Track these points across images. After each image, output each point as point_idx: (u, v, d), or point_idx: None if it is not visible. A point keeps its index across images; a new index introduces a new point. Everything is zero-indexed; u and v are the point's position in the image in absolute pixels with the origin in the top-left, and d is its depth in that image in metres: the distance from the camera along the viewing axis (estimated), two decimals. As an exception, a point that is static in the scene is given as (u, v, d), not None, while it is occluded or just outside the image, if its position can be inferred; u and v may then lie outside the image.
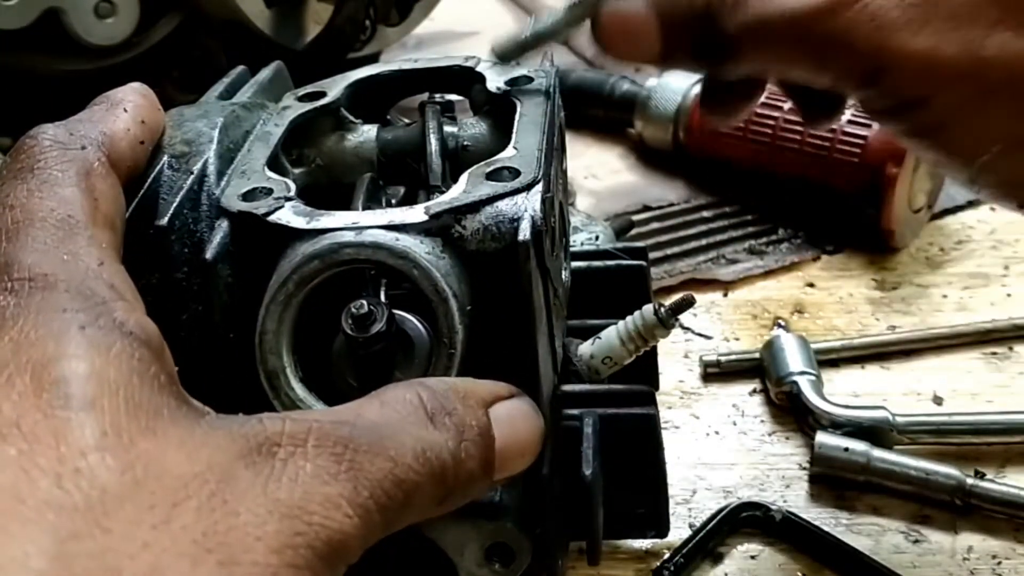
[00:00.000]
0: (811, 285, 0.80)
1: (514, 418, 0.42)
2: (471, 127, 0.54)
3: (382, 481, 0.35)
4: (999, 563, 0.56)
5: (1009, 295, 0.79)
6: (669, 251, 0.83)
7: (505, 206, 0.44)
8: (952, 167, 0.46)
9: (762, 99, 0.59)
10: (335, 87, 0.56)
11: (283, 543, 0.31)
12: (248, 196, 0.46)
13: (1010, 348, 0.72)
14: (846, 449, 0.60)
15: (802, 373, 0.66)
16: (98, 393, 0.32)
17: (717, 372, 0.71)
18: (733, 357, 0.71)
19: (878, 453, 0.60)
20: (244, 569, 0.30)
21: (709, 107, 0.55)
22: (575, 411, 0.49)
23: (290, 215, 0.44)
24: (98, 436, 0.31)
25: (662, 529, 0.52)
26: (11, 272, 0.36)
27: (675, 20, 0.47)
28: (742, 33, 0.46)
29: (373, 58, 1.05)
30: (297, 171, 0.53)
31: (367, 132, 0.55)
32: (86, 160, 0.42)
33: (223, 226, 0.45)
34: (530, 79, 0.54)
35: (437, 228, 0.43)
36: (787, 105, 0.86)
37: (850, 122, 0.83)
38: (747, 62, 0.47)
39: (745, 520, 0.58)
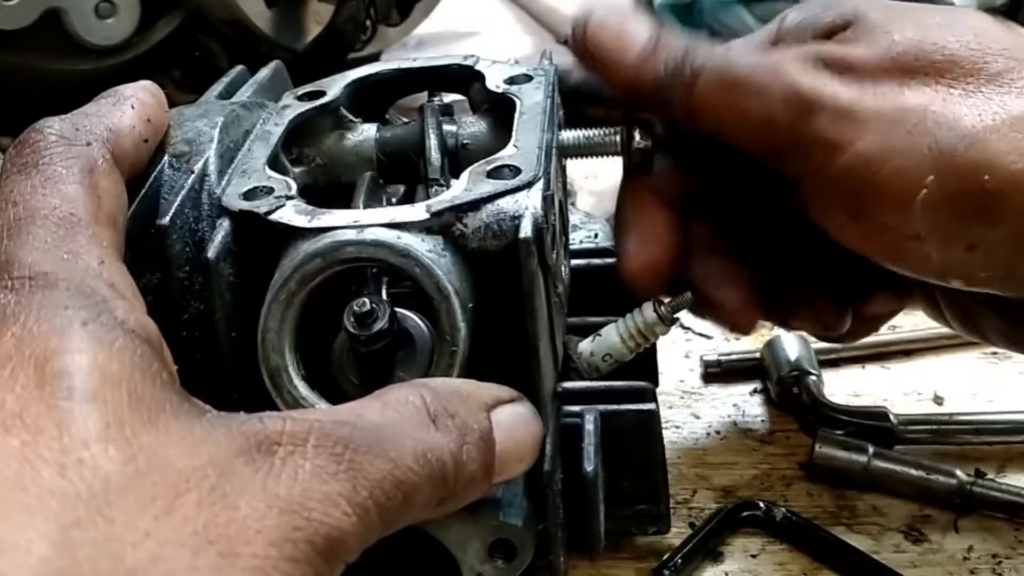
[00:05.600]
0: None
1: (514, 423, 0.42)
2: (470, 125, 0.55)
3: (381, 482, 0.35)
4: (999, 563, 0.56)
5: (1009, 295, 0.79)
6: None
7: (506, 204, 0.44)
8: (893, 230, 0.47)
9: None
10: (334, 86, 0.56)
11: (282, 537, 0.32)
12: (249, 195, 0.46)
13: (1010, 348, 0.72)
14: (846, 449, 0.60)
15: (803, 373, 0.66)
16: (101, 386, 0.32)
17: (718, 372, 0.71)
18: (734, 357, 0.71)
19: (878, 453, 0.60)
20: (244, 561, 0.31)
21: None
22: (576, 408, 0.49)
23: (291, 214, 0.44)
24: (101, 428, 0.31)
25: (663, 525, 0.52)
26: (11, 270, 0.36)
27: (663, 41, 0.52)
28: (705, 62, 0.50)
29: (374, 58, 1.05)
30: (297, 170, 0.53)
31: (366, 131, 0.55)
32: (90, 157, 0.42)
33: (224, 225, 0.45)
34: (529, 78, 0.54)
35: (438, 226, 0.43)
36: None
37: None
38: (696, 94, 0.50)
39: (745, 519, 0.58)
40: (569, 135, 0.55)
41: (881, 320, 0.59)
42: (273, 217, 0.44)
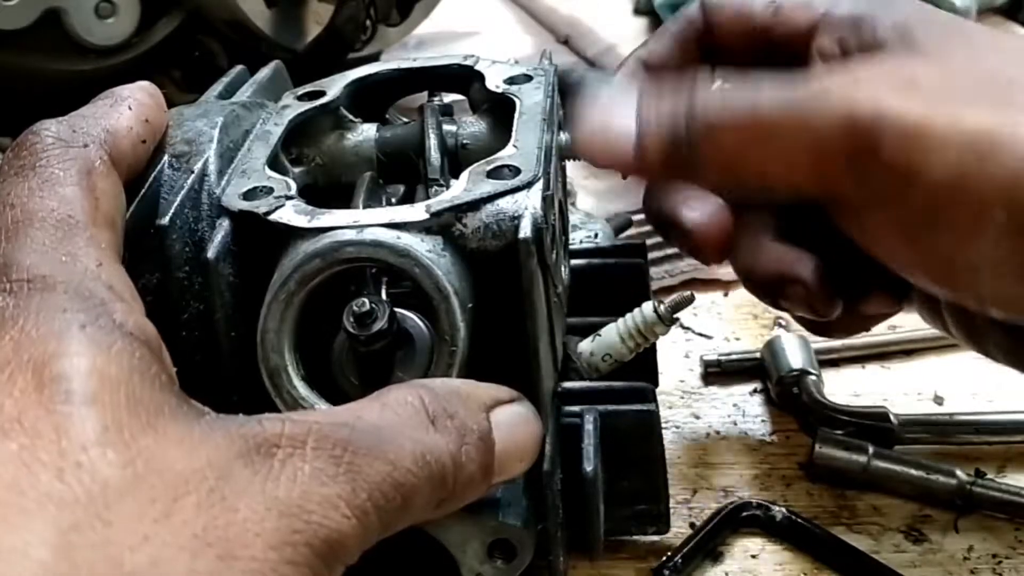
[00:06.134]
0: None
1: (514, 423, 0.42)
2: (470, 125, 0.55)
3: (380, 484, 0.35)
4: (999, 563, 0.56)
5: (1009, 295, 0.79)
6: (669, 250, 0.82)
7: (506, 204, 0.44)
8: (946, 259, 0.44)
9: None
10: (334, 86, 0.56)
11: (281, 540, 0.32)
12: (249, 195, 0.46)
13: (1010, 348, 0.72)
14: (846, 449, 0.60)
15: (803, 373, 0.66)
16: (99, 389, 0.32)
17: (718, 372, 0.71)
18: (734, 357, 0.71)
19: (878, 453, 0.60)
20: (243, 564, 0.31)
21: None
22: (575, 408, 0.49)
23: (291, 214, 0.44)
24: (99, 431, 0.31)
25: (663, 525, 0.52)
26: (10, 273, 0.36)
27: (654, 116, 0.47)
28: (723, 117, 0.45)
29: (374, 58, 1.05)
30: (297, 170, 0.53)
31: (366, 131, 0.55)
32: (88, 158, 0.42)
33: (224, 225, 0.45)
34: (529, 78, 0.54)
35: (438, 226, 0.43)
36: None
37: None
38: (723, 155, 0.45)
39: (746, 519, 0.58)
40: (568, 137, 0.55)
41: (876, 320, 0.57)
42: (273, 217, 0.44)
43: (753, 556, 0.57)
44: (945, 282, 0.46)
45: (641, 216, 0.84)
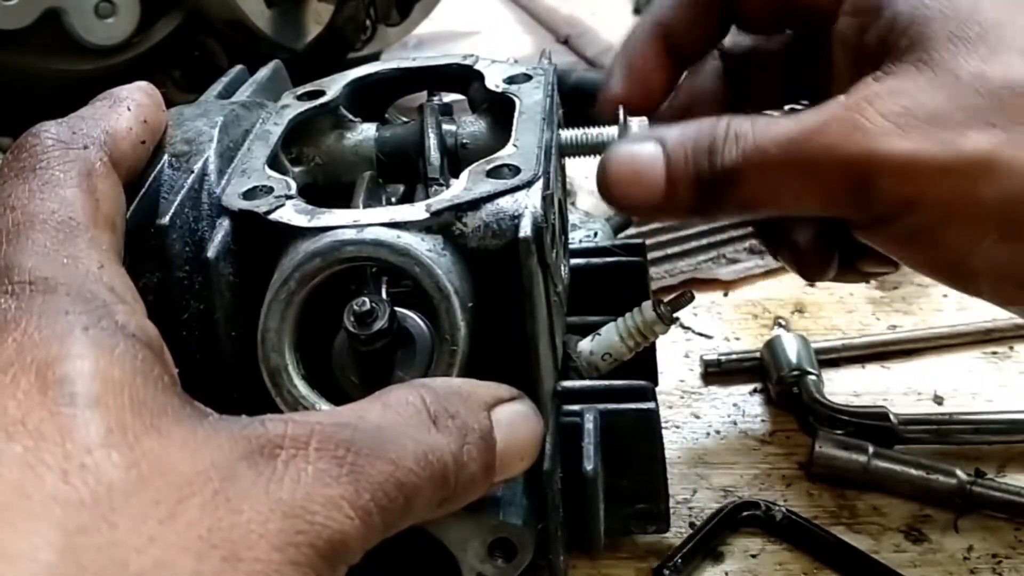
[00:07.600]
0: (811, 284, 0.80)
1: (515, 421, 0.42)
2: (470, 125, 0.55)
3: (383, 484, 0.35)
4: (999, 562, 0.56)
5: (1009, 294, 0.78)
6: (669, 250, 0.82)
7: (506, 203, 0.44)
8: (949, 265, 0.48)
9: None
10: (334, 86, 0.56)
11: (285, 541, 0.32)
12: (249, 194, 0.46)
13: (1010, 347, 0.72)
14: (846, 449, 0.60)
15: (803, 372, 0.66)
16: (103, 391, 0.32)
17: (718, 372, 0.71)
18: (734, 357, 0.71)
19: (878, 453, 0.60)
20: (247, 565, 0.31)
21: None
22: (575, 407, 0.49)
23: (291, 213, 0.44)
24: (103, 433, 0.31)
25: (663, 524, 0.52)
26: (11, 275, 0.36)
27: (681, 157, 0.48)
28: (739, 164, 0.47)
29: (374, 58, 1.05)
30: (296, 170, 0.53)
31: (366, 130, 0.55)
32: (88, 160, 0.42)
33: (224, 224, 0.45)
34: (529, 77, 0.54)
35: (438, 225, 0.43)
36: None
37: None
38: (742, 196, 0.48)
39: (746, 519, 0.58)
40: (567, 134, 0.55)
41: (875, 276, 0.59)
42: (273, 216, 0.44)
43: (753, 556, 0.57)
44: (953, 282, 0.50)
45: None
